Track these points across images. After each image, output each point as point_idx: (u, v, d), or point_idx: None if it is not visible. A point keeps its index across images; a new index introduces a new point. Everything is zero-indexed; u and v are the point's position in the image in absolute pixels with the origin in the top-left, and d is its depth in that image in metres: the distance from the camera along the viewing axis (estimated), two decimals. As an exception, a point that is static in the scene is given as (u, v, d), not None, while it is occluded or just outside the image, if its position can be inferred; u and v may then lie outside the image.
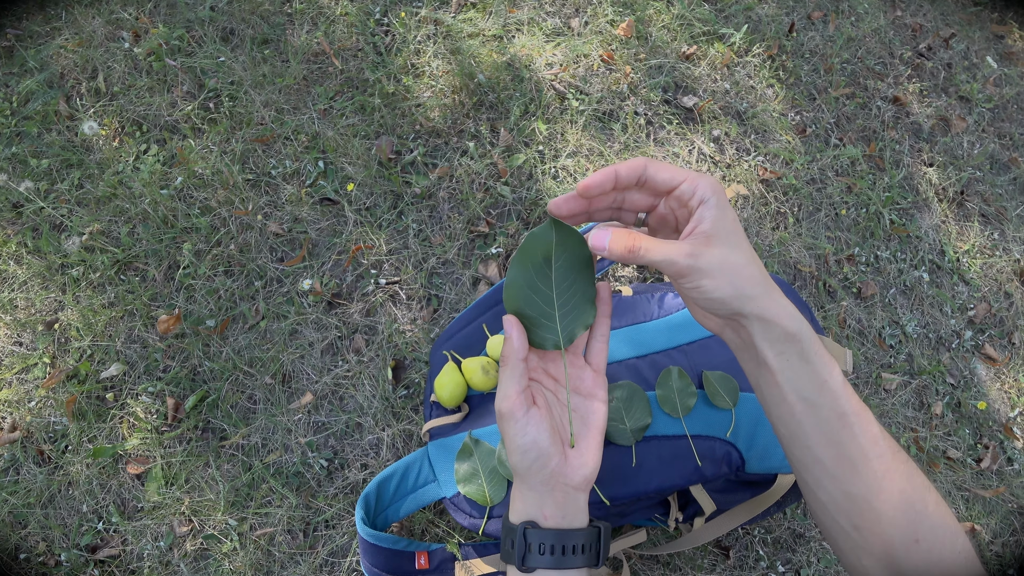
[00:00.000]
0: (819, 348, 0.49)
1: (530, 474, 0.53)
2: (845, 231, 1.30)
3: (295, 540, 0.99)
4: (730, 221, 0.49)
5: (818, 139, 1.38)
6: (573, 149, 1.25)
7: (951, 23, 1.63)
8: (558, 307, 0.53)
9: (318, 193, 1.17)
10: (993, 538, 1.14)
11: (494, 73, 1.28)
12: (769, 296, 0.48)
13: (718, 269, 0.47)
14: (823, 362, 0.48)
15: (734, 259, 0.48)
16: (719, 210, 0.49)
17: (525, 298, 0.53)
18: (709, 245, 0.48)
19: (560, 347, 0.54)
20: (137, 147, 1.18)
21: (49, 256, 1.10)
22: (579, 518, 0.54)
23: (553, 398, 0.56)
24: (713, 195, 0.49)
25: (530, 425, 0.52)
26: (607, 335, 0.57)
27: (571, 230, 0.51)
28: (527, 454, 0.52)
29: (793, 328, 0.48)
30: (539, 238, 0.51)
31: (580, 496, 0.54)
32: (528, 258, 0.52)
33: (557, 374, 0.57)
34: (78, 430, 1.02)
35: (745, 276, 0.48)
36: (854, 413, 0.48)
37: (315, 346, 1.08)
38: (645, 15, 1.41)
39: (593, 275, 0.54)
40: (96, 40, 1.26)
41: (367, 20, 1.32)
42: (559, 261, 0.52)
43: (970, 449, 1.20)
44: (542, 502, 0.53)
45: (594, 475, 0.54)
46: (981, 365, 1.27)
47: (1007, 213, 1.41)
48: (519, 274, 0.52)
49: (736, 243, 0.49)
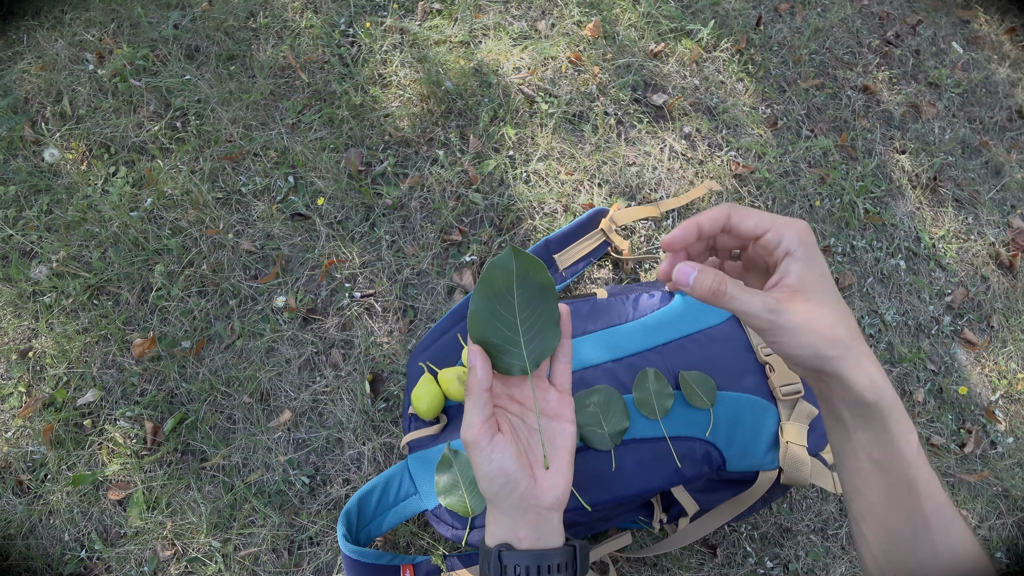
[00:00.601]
0: (898, 416, 0.47)
1: (500, 499, 0.53)
2: (820, 222, 1.30)
3: (280, 559, 0.98)
4: (817, 275, 0.48)
5: (790, 131, 1.38)
6: (544, 153, 1.25)
7: (917, 10, 1.64)
8: (523, 333, 0.54)
9: (289, 208, 1.16)
10: (980, 522, 1.15)
11: (462, 80, 1.28)
12: (852, 358, 0.47)
13: (799, 328, 0.46)
14: (900, 431, 0.47)
15: (818, 317, 0.47)
16: (806, 263, 0.48)
17: (490, 326, 0.53)
18: (793, 301, 0.47)
19: (527, 372, 0.55)
20: (105, 170, 1.17)
21: (20, 284, 1.09)
22: (554, 538, 0.55)
23: (520, 422, 0.57)
24: (800, 246, 0.48)
25: (495, 452, 0.52)
26: (570, 356, 0.58)
27: (531, 257, 0.52)
28: (495, 481, 0.53)
29: (871, 397, 0.47)
30: (500, 267, 0.52)
31: (553, 516, 0.55)
32: (490, 287, 0.53)
33: (522, 398, 0.58)
34: (57, 458, 1.01)
35: (827, 337, 0.46)
36: (923, 482, 0.47)
37: (292, 363, 1.07)
38: (611, 15, 1.41)
39: (555, 299, 0.54)
40: (60, 63, 1.25)
41: (332, 32, 1.32)
42: (521, 288, 0.53)
43: (953, 434, 1.20)
44: (515, 525, 0.54)
45: (565, 495, 0.55)
46: (961, 350, 1.27)
47: (980, 197, 1.41)
48: (482, 303, 0.53)
49: (822, 299, 0.48)
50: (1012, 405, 1.25)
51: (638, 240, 1.20)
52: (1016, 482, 1.18)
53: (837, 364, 0.46)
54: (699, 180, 1.28)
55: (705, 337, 0.89)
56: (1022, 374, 1.27)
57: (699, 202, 1.25)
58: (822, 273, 0.48)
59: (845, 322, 0.48)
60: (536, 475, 0.55)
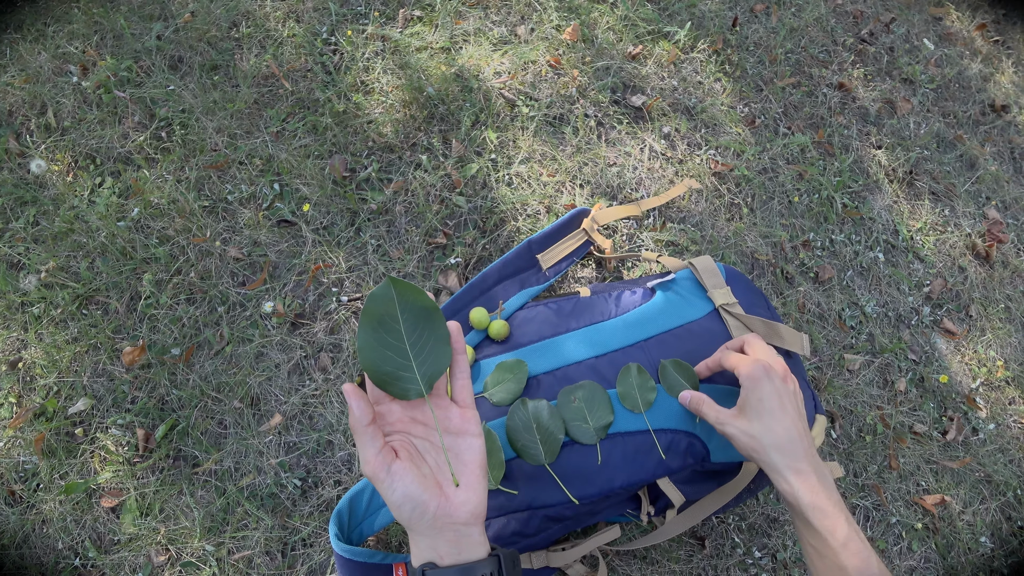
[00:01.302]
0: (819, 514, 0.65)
1: (414, 522, 0.54)
2: (799, 217, 1.32)
3: (273, 561, 0.99)
4: (756, 399, 0.71)
5: (767, 129, 1.40)
6: (526, 155, 1.26)
7: (890, 7, 1.67)
8: (413, 356, 0.55)
9: (275, 215, 1.17)
10: (964, 507, 1.17)
11: (443, 85, 1.29)
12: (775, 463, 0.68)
13: (735, 435, 0.72)
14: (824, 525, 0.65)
15: (751, 428, 0.71)
16: (749, 392, 0.72)
17: (379, 355, 0.54)
18: (737, 417, 0.73)
19: (423, 394, 0.56)
20: (91, 181, 1.18)
21: (8, 295, 1.09)
22: (476, 551, 0.56)
23: (426, 444, 0.58)
24: (748, 379, 0.72)
25: (396, 481, 0.53)
26: (467, 371, 0.59)
27: (408, 285, 0.54)
28: (402, 508, 0.54)
29: (790, 500, 0.67)
30: (379, 298, 0.54)
31: (472, 530, 0.56)
32: (374, 318, 0.54)
33: (425, 419, 0.58)
34: (49, 467, 1.01)
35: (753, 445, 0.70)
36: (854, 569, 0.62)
37: (281, 367, 1.08)
38: (590, 18, 1.43)
39: (442, 320, 0.55)
40: (43, 75, 1.26)
41: (315, 40, 1.33)
42: (405, 314, 0.54)
43: (935, 422, 1.22)
44: (435, 544, 0.55)
45: (480, 508, 0.56)
46: (941, 339, 1.30)
47: (956, 189, 1.44)
48: (369, 335, 0.54)
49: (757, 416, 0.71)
50: (992, 392, 1.27)
51: (620, 239, 1.22)
52: (998, 467, 1.20)
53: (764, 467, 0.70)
54: (679, 179, 1.30)
55: (685, 332, 0.90)
56: (1001, 362, 1.29)
57: (679, 200, 1.27)
58: (760, 397, 0.71)
59: (772, 435, 0.69)
60: (447, 493, 0.56)
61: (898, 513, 1.14)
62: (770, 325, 0.90)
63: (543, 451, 0.80)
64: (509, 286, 1.04)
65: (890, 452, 1.18)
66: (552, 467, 0.82)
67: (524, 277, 1.07)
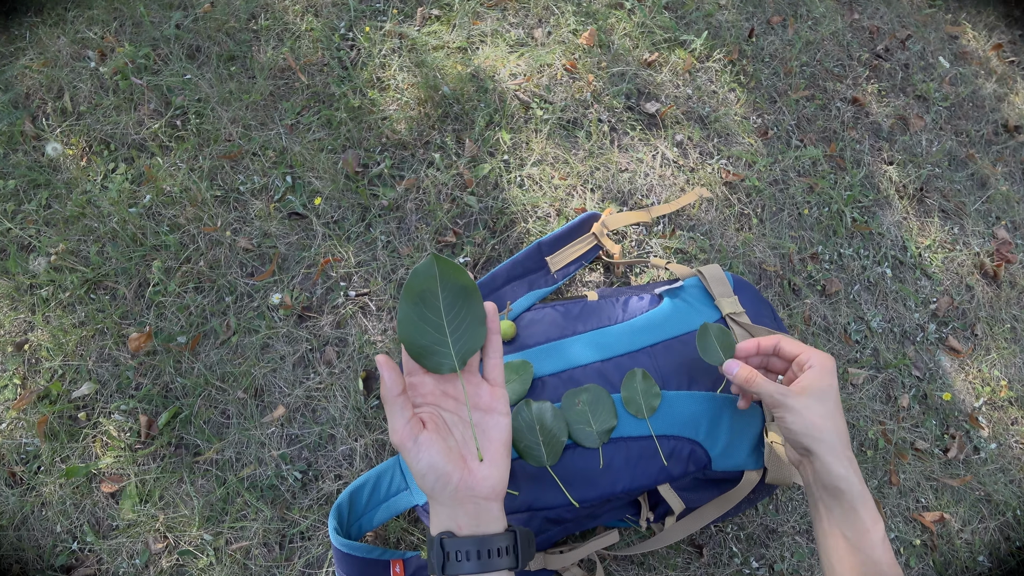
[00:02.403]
0: (868, 505, 0.64)
1: (436, 492, 0.56)
2: (808, 230, 1.32)
3: (271, 553, 0.99)
4: (825, 385, 0.69)
5: (779, 141, 1.40)
6: (538, 158, 1.27)
7: (907, 25, 1.67)
8: (450, 332, 0.57)
9: (286, 208, 1.18)
10: (963, 526, 1.17)
11: (459, 85, 1.30)
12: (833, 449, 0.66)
13: (798, 410, 0.68)
14: (869, 516, 0.64)
15: (815, 408, 0.68)
16: (819, 374, 0.70)
17: (418, 329, 0.56)
18: (799, 394, 0.69)
19: (456, 370, 0.58)
20: (105, 166, 1.19)
21: (17, 277, 1.10)
22: (494, 525, 0.57)
23: (455, 418, 0.60)
24: (819, 364, 0.71)
25: (422, 451, 0.55)
26: (499, 351, 0.61)
27: (451, 263, 0.55)
28: (427, 477, 0.55)
29: (844, 485, 0.64)
30: (422, 274, 0.55)
31: (492, 505, 0.58)
32: (415, 292, 0.55)
33: (456, 394, 0.60)
34: (50, 450, 1.02)
35: (817, 424, 0.67)
36: (887, 564, 0.62)
37: (286, 359, 1.09)
38: (607, 24, 1.44)
39: (479, 299, 0.57)
40: (61, 60, 1.26)
41: (332, 35, 1.34)
42: (445, 291, 0.56)
43: (937, 440, 1.22)
44: (455, 515, 0.57)
45: (501, 485, 0.58)
46: (945, 357, 1.30)
47: (966, 208, 1.44)
48: (409, 308, 0.56)
49: (822, 400, 0.68)
50: (995, 412, 1.27)
51: (629, 244, 1.22)
52: (998, 487, 1.20)
53: (820, 447, 0.66)
54: (690, 187, 1.30)
55: (692, 339, 0.90)
56: (1005, 382, 1.29)
57: (689, 208, 1.27)
58: (829, 384, 0.69)
59: (834, 422, 0.67)
60: (471, 467, 0.57)
61: (897, 529, 1.14)
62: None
63: (545, 453, 0.80)
64: (517, 287, 1.05)
65: (891, 467, 1.18)
66: (554, 469, 0.82)
67: (533, 279, 1.08)
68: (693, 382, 0.86)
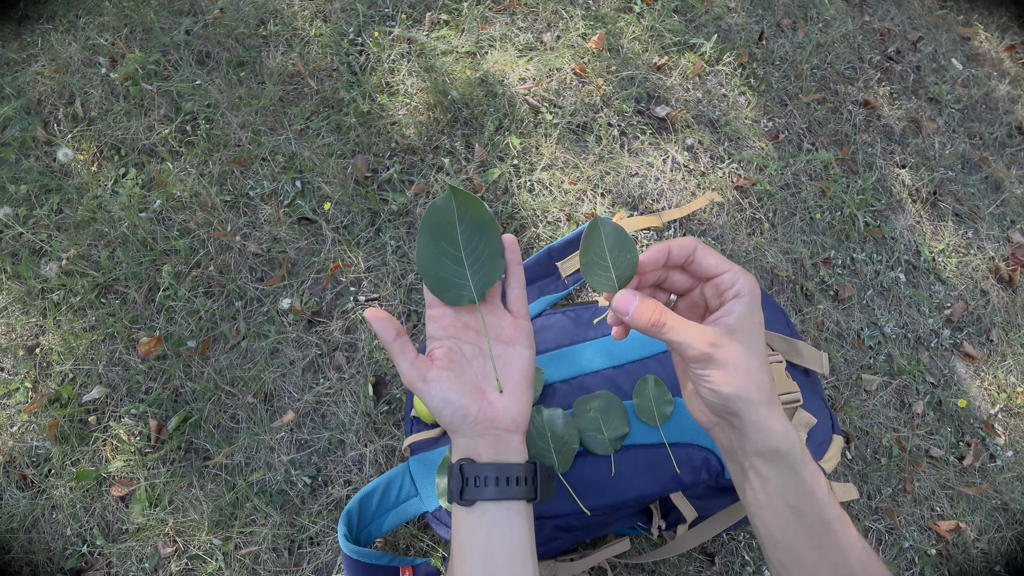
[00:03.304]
0: (807, 459, 0.51)
1: (454, 426, 0.56)
2: (820, 234, 1.31)
3: (280, 558, 0.99)
4: (756, 323, 0.51)
5: (791, 144, 1.39)
6: (548, 162, 1.26)
7: (918, 26, 1.66)
8: (468, 265, 0.57)
9: (296, 213, 1.18)
10: (979, 535, 1.15)
11: (468, 89, 1.30)
12: (769, 407, 0.50)
13: (732, 365, 0.49)
14: (811, 474, 0.51)
15: (749, 361, 0.50)
16: (750, 308, 0.51)
17: (436, 262, 0.56)
18: (730, 339, 0.50)
19: (475, 301, 0.57)
20: (115, 171, 1.19)
21: (29, 281, 1.10)
22: (514, 456, 0.57)
23: (476, 350, 0.59)
24: (749, 293, 0.51)
25: (434, 387, 0.55)
26: (522, 281, 0.60)
27: (468, 195, 0.55)
28: (443, 412, 0.55)
29: (784, 445, 0.50)
30: (440, 208, 0.55)
31: (513, 437, 0.57)
32: (433, 225, 0.55)
33: (479, 326, 0.60)
34: (61, 454, 1.02)
35: (754, 381, 0.50)
36: (837, 519, 0.51)
37: (296, 364, 1.08)
38: (616, 28, 1.43)
39: (498, 232, 0.57)
40: (73, 66, 1.27)
41: (341, 40, 1.34)
42: (462, 223, 0.56)
43: (952, 447, 1.21)
44: (475, 444, 0.57)
45: (522, 416, 0.58)
46: (960, 363, 1.28)
47: (980, 212, 1.43)
48: (428, 241, 0.56)
49: (754, 345, 0.50)
50: (1011, 419, 1.25)
51: (640, 250, 1.21)
52: (1015, 496, 1.18)
53: (759, 410, 0.50)
54: (701, 191, 1.29)
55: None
56: (1021, 388, 1.28)
57: (700, 212, 1.26)
58: (759, 322, 0.52)
59: (767, 371, 0.51)
60: (490, 399, 0.57)
61: (911, 538, 1.13)
62: (789, 342, 0.90)
63: (557, 460, 0.80)
64: (527, 292, 1.04)
65: (905, 475, 1.16)
66: (565, 476, 0.81)
67: (543, 284, 1.07)
68: (705, 388, 0.85)
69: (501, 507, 0.55)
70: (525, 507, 0.57)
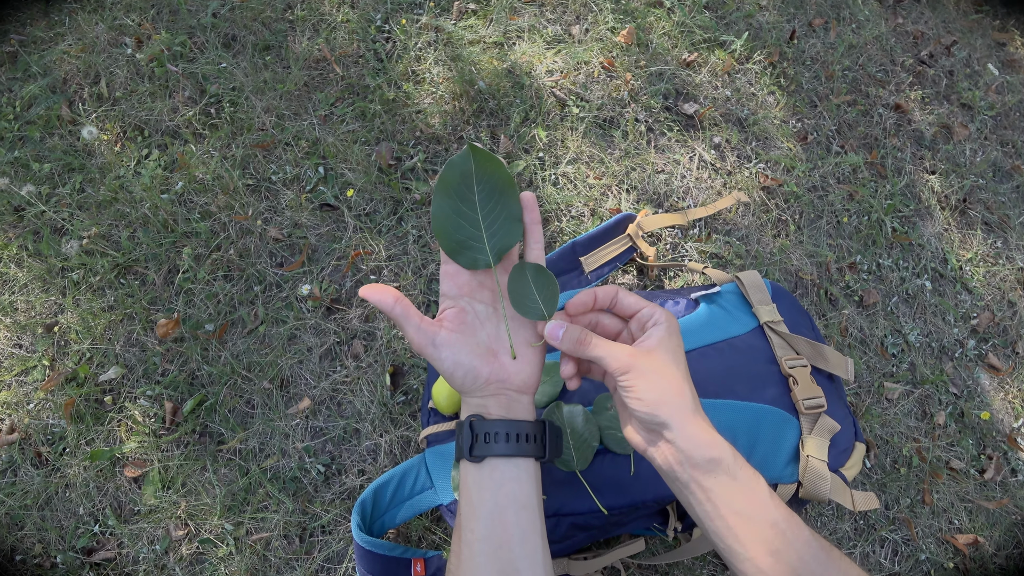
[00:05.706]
0: (741, 463, 0.52)
1: (465, 387, 0.57)
2: (847, 239, 1.29)
3: (291, 545, 0.98)
4: (675, 344, 0.55)
5: (819, 146, 1.37)
6: (573, 156, 1.25)
7: (952, 30, 1.63)
8: (485, 228, 0.56)
9: (318, 199, 1.17)
10: (997, 550, 1.13)
11: (494, 80, 1.28)
12: (694, 416, 0.52)
13: (654, 372, 0.53)
14: (747, 478, 0.52)
15: (670, 369, 0.53)
16: (667, 333, 0.55)
17: (452, 224, 0.55)
18: (650, 355, 0.54)
19: (491, 265, 0.57)
20: (138, 152, 1.19)
21: (49, 259, 1.10)
22: (524, 414, 0.58)
23: (490, 310, 0.59)
24: (665, 322, 0.56)
25: (444, 351, 0.55)
26: (541, 241, 0.60)
27: (487, 153, 0.53)
28: (455, 375, 0.56)
29: (715, 453, 0.52)
30: (457, 166, 0.53)
31: (524, 397, 0.58)
32: (449, 186, 0.54)
33: (495, 287, 0.60)
34: (76, 433, 1.02)
35: (674, 388, 0.53)
36: (784, 520, 0.51)
37: (313, 351, 1.08)
38: (646, 22, 1.41)
39: (516, 194, 0.55)
40: (99, 46, 1.27)
41: (368, 27, 1.33)
42: (480, 184, 0.54)
43: (973, 460, 1.19)
44: (485, 403, 0.57)
45: (533, 378, 0.59)
46: (984, 375, 1.26)
47: (1010, 221, 1.40)
48: (444, 202, 0.54)
49: (675, 360, 0.54)
50: (1035, 433, 1.23)
51: (664, 247, 1.20)
52: (1036, 511, 1.16)
53: (682, 415, 0.52)
54: (727, 190, 1.27)
55: (728, 346, 0.88)
56: (1046, 402, 1.25)
57: (726, 212, 1.25)
58: (679, 344, 0.56)
59: (688, 385, 0.54)
60: (501, 361, 0.58)
61: (928, 550, 1.11)
62: (815, 347, 0.88)
63: (576, 457, 0.79)
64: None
65: (924, 486, 1.14)
66: (584, 474, 0.80)
67: (566, 279, 1.06)
68: (730, 391, 0.84)
69: (511, 463, 0.56)
70: (534, 465, 0.57)
